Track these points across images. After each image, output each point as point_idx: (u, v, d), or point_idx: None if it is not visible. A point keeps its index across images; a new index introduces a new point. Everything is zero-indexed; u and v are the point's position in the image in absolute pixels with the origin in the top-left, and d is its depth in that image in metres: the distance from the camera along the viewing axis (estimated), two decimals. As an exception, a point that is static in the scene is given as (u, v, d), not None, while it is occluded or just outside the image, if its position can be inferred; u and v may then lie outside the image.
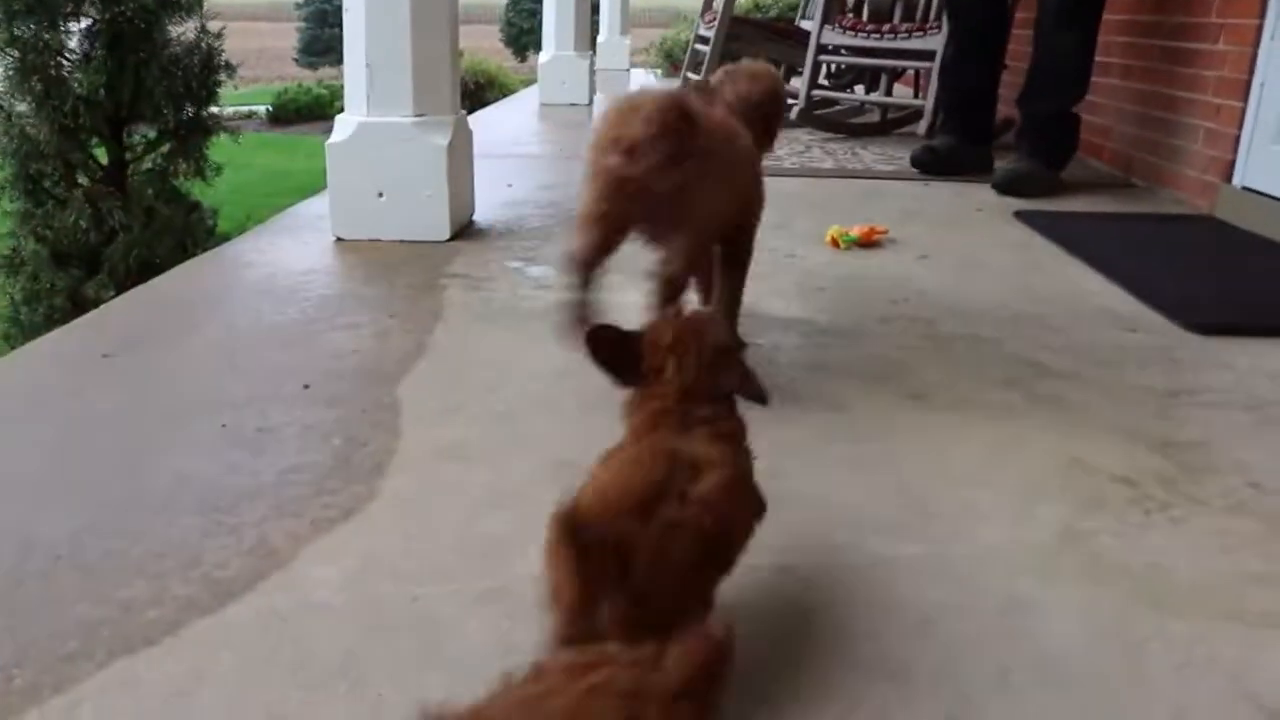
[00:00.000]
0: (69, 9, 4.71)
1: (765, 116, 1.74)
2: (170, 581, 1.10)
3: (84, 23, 4.72)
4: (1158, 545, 1.21)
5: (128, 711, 0.92)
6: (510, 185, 3.32)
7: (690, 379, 1.01)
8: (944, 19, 3.93)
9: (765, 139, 1.77)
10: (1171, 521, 1.27)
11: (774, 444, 1.44)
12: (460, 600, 1.07)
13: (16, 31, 4.56)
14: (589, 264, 1.45)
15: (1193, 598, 1.11)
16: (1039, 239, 2.70)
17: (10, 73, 4.61)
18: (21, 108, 4.69)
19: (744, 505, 0.98)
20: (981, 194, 3.29)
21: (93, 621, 1.03)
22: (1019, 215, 2.94)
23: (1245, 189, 2.87)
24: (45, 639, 1.00)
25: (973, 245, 2.64)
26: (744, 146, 1.66)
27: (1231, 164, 2.93)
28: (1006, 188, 3.29)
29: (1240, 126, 2.90)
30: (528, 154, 4.10)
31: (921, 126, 4.12)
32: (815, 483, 1.34)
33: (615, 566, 0.81)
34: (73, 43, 4.72)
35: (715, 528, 0.88)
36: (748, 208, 1.72)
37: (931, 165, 3.61)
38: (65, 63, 4.70)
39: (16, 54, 4.51)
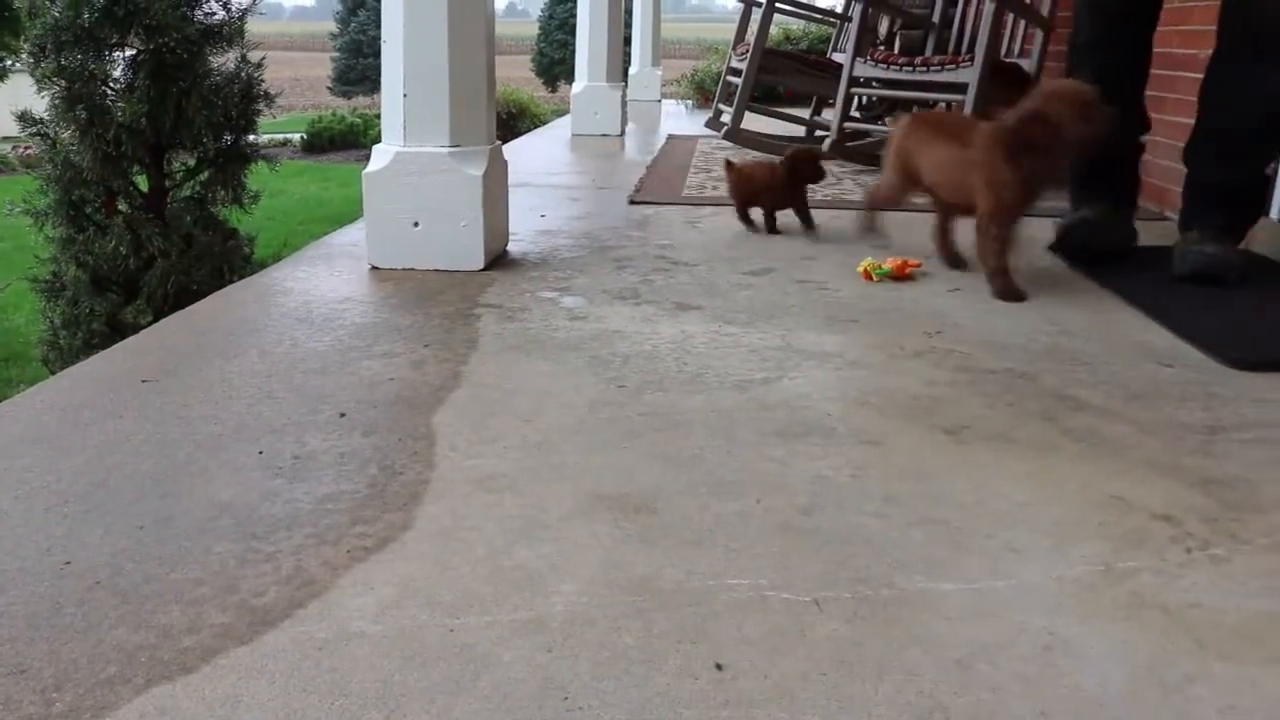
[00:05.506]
0: (115, 40, 4.80)
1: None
2: (207, 608, 1.11)
3: (129, 52, 4.81)
4: (1200, 584, 1.19)
5: (166, 738, 0.92)
6: (543, 215, 3.34)
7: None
8: (975, 52, 3.94)
9: None
10: (1213, 560, 1.25)
11: (807, 478, 1.45)
12: (497, 631, 1.07)
13: (64, 61, 4.65)
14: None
15: (1238, 639, 1.09)
16: (1072, 272, 2.69)
17: (57, 101, 4.70)
18: (65, 135, 4.79)
19: None
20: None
21: (131, 647, 1.04)
22: (1052, 249, 2.92)
23: (1284, 223, 2.84)
24: (85, 663, 1.01)
25: (1007, 278, 2.62)
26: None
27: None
28: (1206, 278, 2.47)
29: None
30: (560, 184, 4.13)
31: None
32: (849, 517, 1.34)
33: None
34: (117, 72, 4.81)
35: None
36: None
37: (1084, 251, 2.75)
38: (109, 92, 4.79)
39: (63, 83, 4.60)
